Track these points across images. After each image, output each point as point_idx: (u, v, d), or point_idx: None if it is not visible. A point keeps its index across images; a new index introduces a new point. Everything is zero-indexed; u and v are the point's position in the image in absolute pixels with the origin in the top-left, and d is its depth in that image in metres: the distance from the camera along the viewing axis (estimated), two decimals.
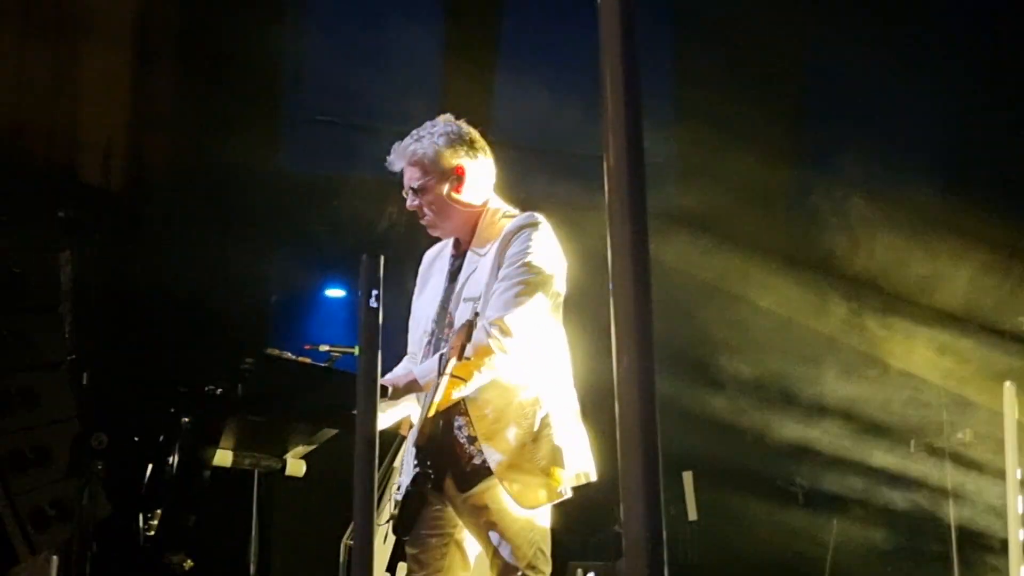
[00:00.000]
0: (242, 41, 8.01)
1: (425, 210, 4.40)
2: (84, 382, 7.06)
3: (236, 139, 7.76)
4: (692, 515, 8.24)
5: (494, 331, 4.06)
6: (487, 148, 4.48)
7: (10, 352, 6.68)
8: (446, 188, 4.37)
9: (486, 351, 4.03)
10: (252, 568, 4.78)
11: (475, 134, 4.48)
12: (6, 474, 6.53)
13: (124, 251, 7.50)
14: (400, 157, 4.44)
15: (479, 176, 4.42)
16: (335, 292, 9.09)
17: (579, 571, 7.01)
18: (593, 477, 4.27)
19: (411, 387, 4.17)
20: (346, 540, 4.70)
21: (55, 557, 6.46)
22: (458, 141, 4.41)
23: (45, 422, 6.69)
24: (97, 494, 6.34)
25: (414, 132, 4.47)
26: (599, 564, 7.61)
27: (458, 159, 4.38)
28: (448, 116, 4.51)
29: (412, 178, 4.39)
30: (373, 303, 3.39)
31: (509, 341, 4.08)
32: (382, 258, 3.36)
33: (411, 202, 4.42)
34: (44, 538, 6.60)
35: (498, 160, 4.54)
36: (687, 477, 8.22)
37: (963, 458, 7.84)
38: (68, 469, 6.39)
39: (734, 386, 8.57)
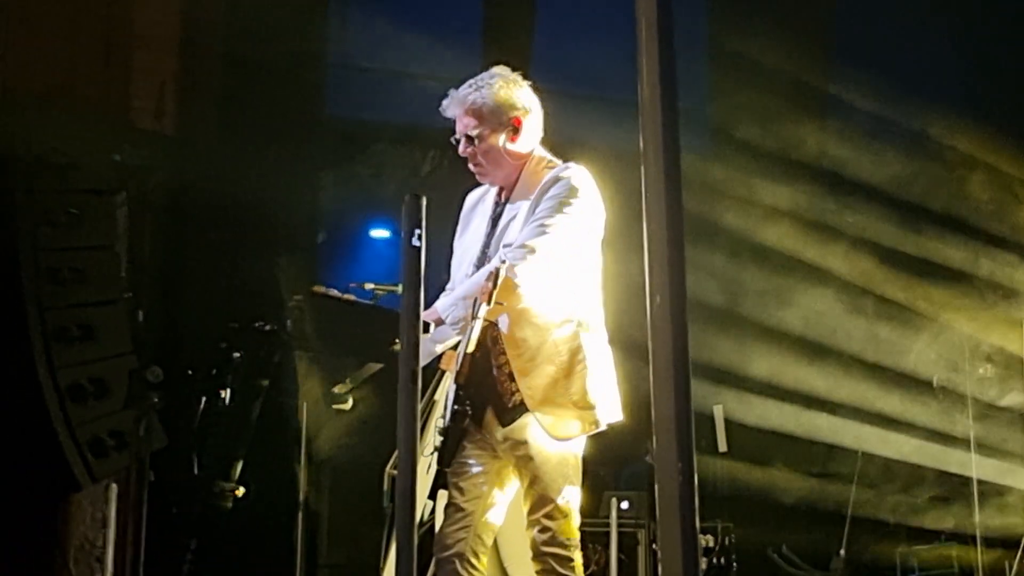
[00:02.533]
0: None
1: (479, 157, 4.53)
2: (140, 318, 7.35)
3: (283, 87, 7.95)
4: (722, 447, 8.44)
5: (516, 252, 4.23)
6: (538, 101, 4.62)
7: (69, 289, 7.01)
8: (501, 138, 4.51)
9: (508, 284, 4.16)
10: (301, 496, 5.01)
11: (529, 87, 4.61)
12: (66, 405, 6.87)
13: (176, 193, 7.71)
14: (457, 104, 4.54)
15: (531, 128, 4.57)
16: (380, 232, 9.31)
17: (613, 501, 7.22)
18: (620, 416, 4.45)
19: (436, 322, 4.35)
20: (389, 469, 4.89)
21: (114, 485, 6.79)
22: (515, 93, 4.54)
23: (103, 356, 7.05)
24: (153, 425, 6.64)
25: (471, 81, 4.58)
26: (633, 494, 7.83)
27: (515, 111, 4.52)
28: (504, 68, 4.61)
29: (468, 126, 4.51)
30: (415, 242, 3.59)
31: (524, 266, 4.22)
32: (424, 199, 3.56)
33: (464, 149, 4.54)
34: (103, 466, 6.96)
35: (543, 107, 4.65)
36: (718, 411, 8.40)
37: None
38: (125, 401, 6.71)
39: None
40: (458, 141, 4.57)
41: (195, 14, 8.09)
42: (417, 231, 3.61)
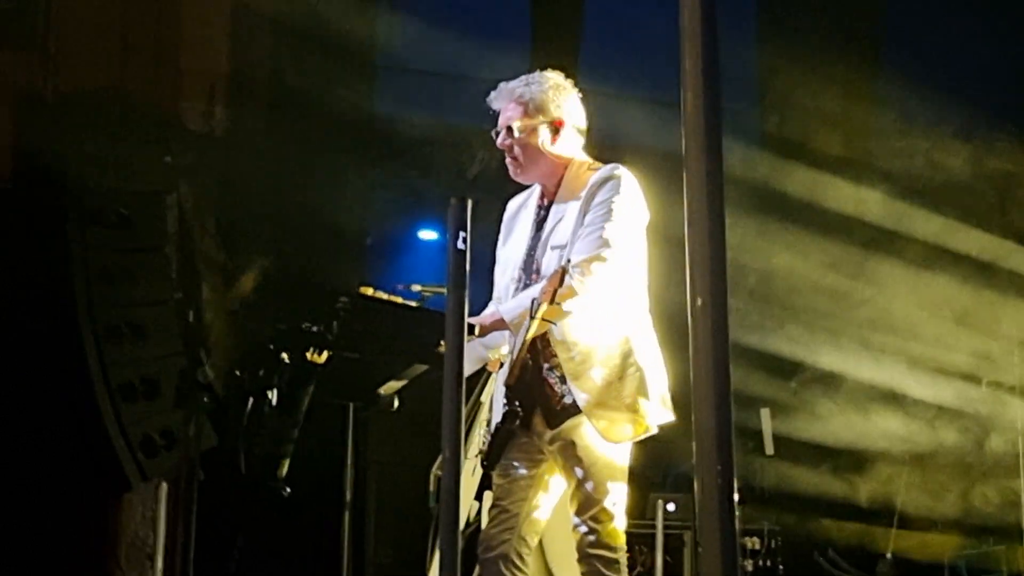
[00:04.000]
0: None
1: (516, 151, 4.51)
2: (190, 318, 7.42)
3: (332, 89, 8.00)
4: (769, 450, 8.41)
5: (576, 272, 4.22)
6: (584, 110, 4.60)
7: (119, 289, 7.09)
8: (542, 136, 4.49)
9: (571, 292, 4.19)
10: (347, 496, 5.03)
11: (577, 93, 4.60)
12: (118, 404, 6.95)
13: (226, 194, 7.78)
14: (505, 96, 4.55)
15: (573, 134, 4.56)
16: (428, 234, 9.35)
17: (659, 502, 7.21)
18: (671, 417, 4.44)
19: (497, 325, 4.30)
20: (435, 470, 4.91)
21: (164, 484, 6.85)
22: (563, 95, 4.53)
23: (153, 356, 7.12)
24: (203, 425, 6.69)
25: (523, 77, 4.58)
26: (679, 496, 7.82)
27: (560, 112, 4.51)
28: (557, 72, 4.61)
29: (511, 118, 4.51)
30: (460, 245, 3.61)
31: (591, 280, 4.23)
32: (469, 202, 3.58)
33: (503, 141, 4.54)
34: (154, 465, 7.03)
35: (586, 107, 4.65)
36: (765, 413, 8.38)
37: None
38: (175, 400, 6.77)
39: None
40: (499, 133, 4.58)
41: (245, 16, 8.14)
42: (462, 234, 3.63)
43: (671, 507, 7.65)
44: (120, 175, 7.29)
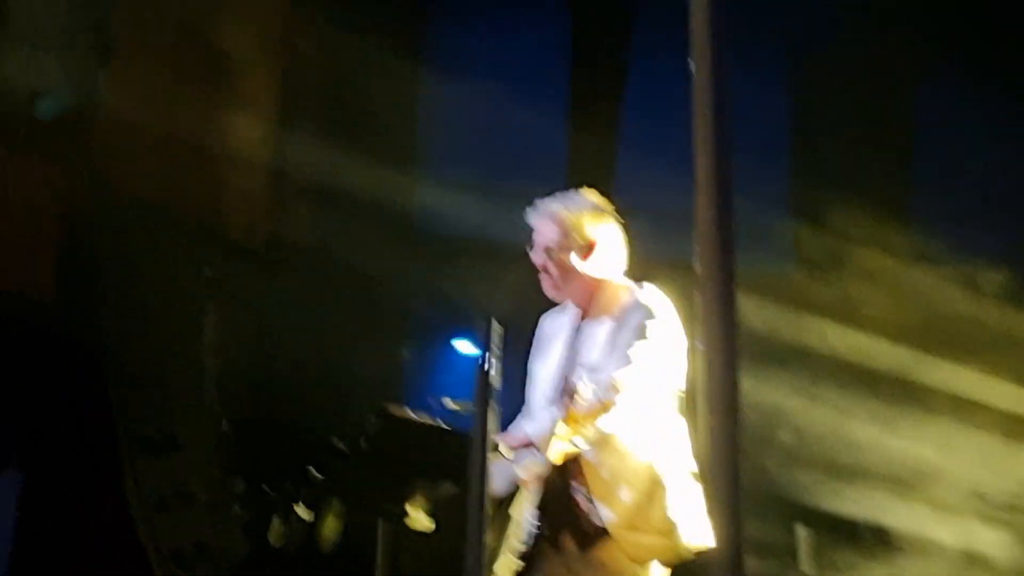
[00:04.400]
0: (378, 102, 8.36)
1: (550, 269, 4.56)
2: (225, 429, 7.45)
3: (371, 201, 8.07)
4: (808, 570, 8.28)
5: (602, 389, 4.23)
6: (620, 233, 4.64)
7: (154, 399, 7.14)
8: (575, 256, 4.53)
9: (595, 410, 4.18)
10: None
11: (614, 214, 4.63)
12: (151, 515, 6.96)
13: (265, 306, 7.83)
14: (541, 214, 4.59)
15: (609, 253, 4.58)
16: (465, 346, 9.31)
17: None
18: (711, 543, 4.35)
19: (524, 445, 4.31)
20: None
21: None
22: (599, 216, 4.58)
23: (187, 467, 7.14)
24: (235, 536, 6.70)
25: (559, 195, 4.64)
26: None
27: (595, 232, 4.55)
28: (594, 191, 4.67)
29: (547, 236, 4.55)
30: (486, 366, 3.62)
31: (617, 398, 4.20)
32: (495, 323, 3.58)
33: (538, 259, 4.58)
34: None
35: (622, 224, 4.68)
36: (800, 530, 8.26)
37: None
38: (208, 511, 6.79)
39: None
40: (533, 250, 4.60)
41: (286, 130, 8.27)
42: (488, 355, 3.64)
43: None
44: (161, 286, 7.37)
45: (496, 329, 3.61)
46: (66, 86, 7.79)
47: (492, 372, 3.64)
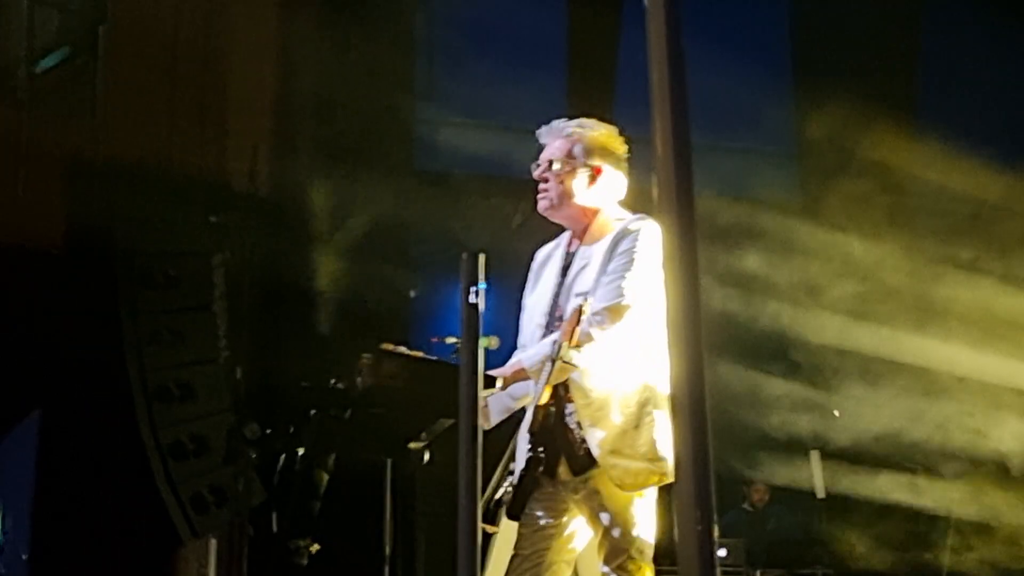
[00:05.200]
0: (378, 44, 8.36)
1: (550, 186, 4.53)
2: (238, 376, 7.52)
3: (374, 143, 8.10)
4: (820, 493, 8.33)
5: (595, 320, 4.25)
6: (626, 167, 4.59)
7: (168, 350, 7.21)
8: (578, 179, 4.50)
9: (588, 338, 4.21)
10: (387, 550, 5.05)
11: (624, 147, 4.59)
12: (168, 463, 7.06)
13: (272, 252, 7.86)
14: (555, 132, 4.56)
15: (610, 186, 4.56)
16: None
17: None
18: None
19: (518, 375, 4.31)
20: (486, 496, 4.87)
21: (213, 540, 6.94)
22: (611, 147, 4.56)
23: (202, 414, 7.23)
24: (251, 481, 6.77)
25: (578, 119, 4.60)
26: (730, 541, 7.78)
27: (603, 161, 4.54)
28: (614, 127, 4.63)
29: (554, 153, 4.52)
30: (472, 298, 3.65)
31: (608, 329, 4.26)
32: (481, 256, 3.61)
33: (540, 172, 4.55)
34: (205, 522, 7.12)
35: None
36: (814, 456, 8.31)
37: None
38: (224, 457, 6.85)
39: None
40: (539, 165, 4.60)
41: (287, 77, 8.27)
42: (474, 288, 3.67)
43: (722, 553, 7.61)
44: (167, 237, 7.42)
45: (481, 261, 3.63)
46: (67, 42, 7.84)
47: (479, 304, 3.66)
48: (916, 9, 9.73)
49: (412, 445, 4.63)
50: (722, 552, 7.57)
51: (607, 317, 4.25)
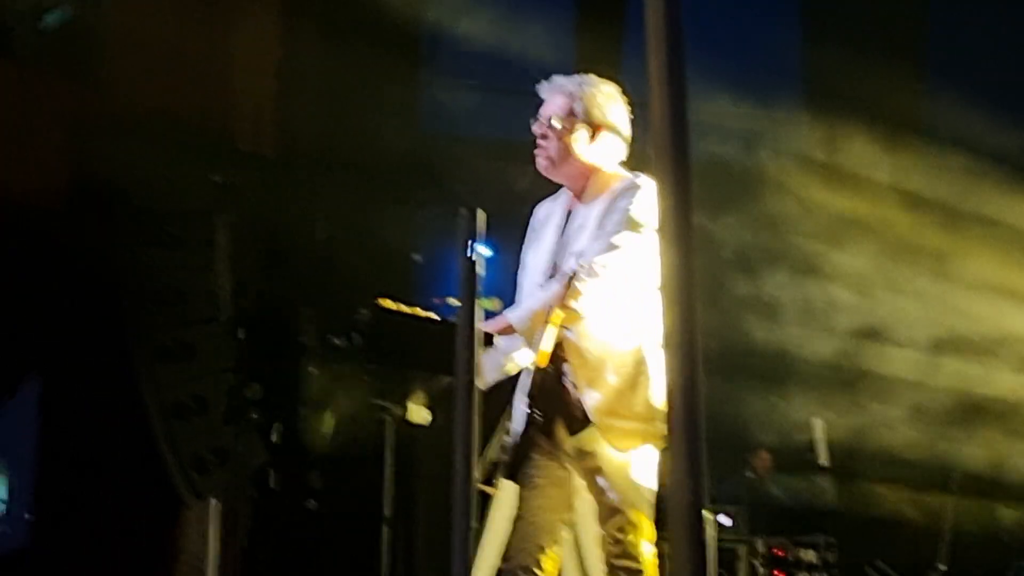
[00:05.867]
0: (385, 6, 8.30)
1: (549, 144, 4.50)
2: (240, 336, 7.47)
3: (379, 103, 8.05)
4: (824, 461, 8.31)
5: (582, 272, 4.20)
6: (629, 128, 4.56)
7: (170, 309, 7.17)
8: (577, 137, 4.48)
9: (576, 293, 4.18)
10: (387, 510, 5.03)
11: (627, 112, 4.56)
12: (170, 423, 7.03)
13: (277, 212, 7.82)
14: (555, 89, 4.54)
15: (610, 145, 4.53)
16: (481, 249, 9.28)
17: (711, 517, 7.15)
18: None
19: (505, 331, 4.27)
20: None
21: (215, 500, 6.91)
22: (611, 103, 4.53)
23: (203, 374, 7.19)
24: (252, 441, 6.75)
25: (579, 76, 4.58)
26: (733, 508, 7.75)
27: (603, 118, 4.50)
28: (616, 87, 4.59)
29: (554, 110, 4.49)
30: (470, 255, 3.61)
31: (596, 282, 4.20)
32: (479, 212, 3.57)
33: (539, 128, 4.52)
34: (206, 483, 7.09)
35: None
36: (818, 424, 8.29)
37: None
38: (225, 418, 6.83)
39: None
40: (538, 121, 4.54)
41: (291, 37, 8.22)
42: (472, 244, 3.63)
43: (727, 521, 7.58)
44: (171, 196, 7.38)
45: (480, 218, 3.59)
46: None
47: (477, 261, 3.62)
48: None
49: (412, 402, 4.59)
50: (726, 521, 7.55)
51: (593, 271, 4.21)
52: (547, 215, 4.67)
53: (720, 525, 7.34)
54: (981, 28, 9.09)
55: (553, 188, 4.71)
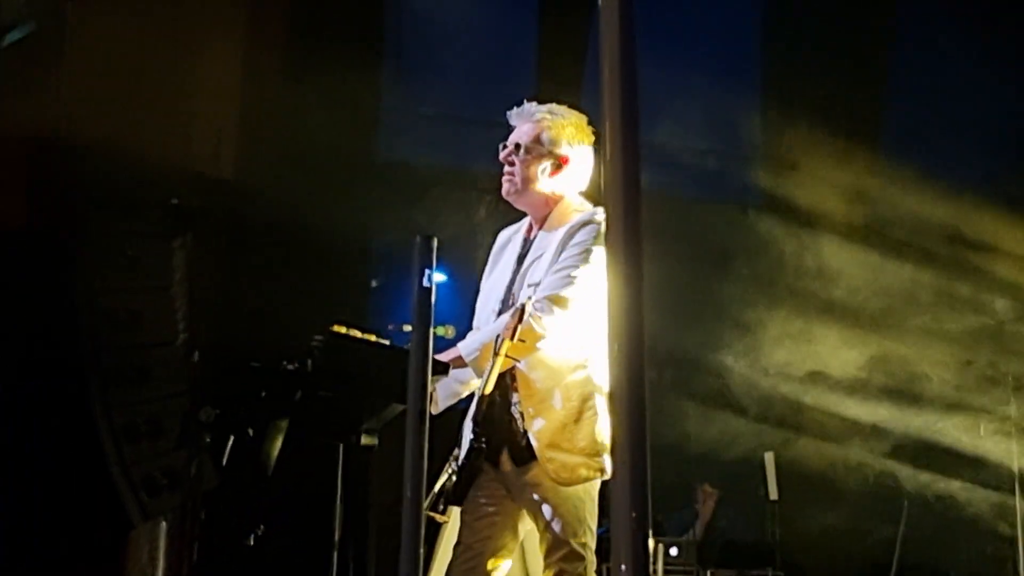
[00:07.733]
0: (348, 35, 8.33)
1: (516, 170, 4.54)
2: (195, 359, 7.45)
3: (341, 130, 8.07)
4: (773, 495, 8.34)
5: (537, 308, 4.24)
6: (593, 160, 4.60)
7: (125, 331, 7.15)
8: (543, 166, 4.52)
9: (529, 330, 4.19)
10: (336, 535, 5.03)
11: (592, 141, 4.60)
12: (121, 444, 7.00)
13: (232, 237, 7.83)
14: (525, 115, 4.58)
15: (576, 175, 4.58)
16: (436, 276, 9.32)
17: (660, 547, 7.17)
18: None
19: (456, 362, 4.34)
20: (426, 511, 4.90)
21: (164, 523, 6.89)
22: (578, 136, 4.57)
23: (157, 396, 7.17)
24: (205, 465, 6.72)
25: (550, 105, 4.61)
26: (682, 540, 7.78)
27: (570, 150, 4.55)
28: (583, 116, 4.62)
29: (522, 136, 4.54)
30: (426, 282, 3.64)
31: (549, 319, 4.24)
32: (435, 240, 3.60)
33: (506, 154, 4.56)
34: (156, 505, 7.07)
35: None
36: (769, 457, 8.33)
37: None
38: (178, 441, 6.81)
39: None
40: (505, 147, 4.58)
41: (252, 61, 8.24)
42: (428, 272, 3.65)
43: (674, 551, 7.61)
44: (128, 218, 7.37)
45: (434, 245, 3.62)
46: (33, 17, 7.77)
47: (431, 288, 3.64)
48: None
49: (363, 430, 4.61)
50: (673, 551, 7.58)
51: (547, 307, 4.24)
52: (507, 241, 4.71)
53: (668, 556, 7.36)
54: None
55: (515, 215, 4.75)
